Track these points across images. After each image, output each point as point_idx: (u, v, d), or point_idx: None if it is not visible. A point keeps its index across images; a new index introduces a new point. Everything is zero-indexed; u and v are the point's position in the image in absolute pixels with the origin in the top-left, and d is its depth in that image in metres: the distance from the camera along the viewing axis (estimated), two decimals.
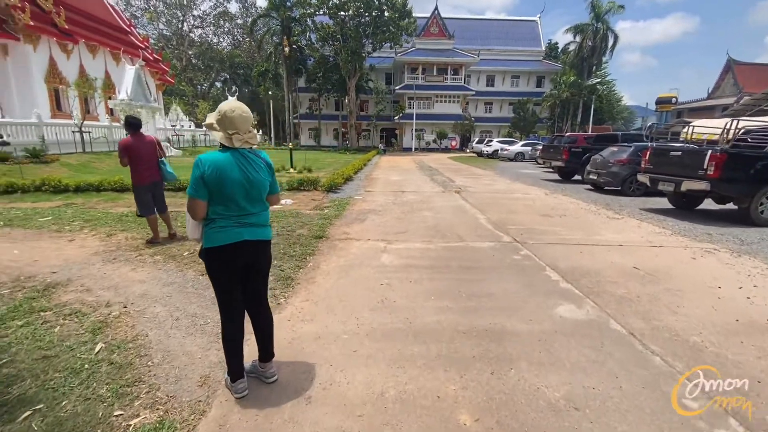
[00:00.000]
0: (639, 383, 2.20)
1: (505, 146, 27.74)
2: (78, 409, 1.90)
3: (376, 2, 35.85)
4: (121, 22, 27.50)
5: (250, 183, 1.92)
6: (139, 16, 49.12)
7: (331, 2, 35.88)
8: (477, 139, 37.17)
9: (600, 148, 11.93)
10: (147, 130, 20.40)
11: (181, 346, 2.53)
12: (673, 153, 7.54)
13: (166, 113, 32.02)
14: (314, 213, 6.99)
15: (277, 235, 5.34)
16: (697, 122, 8.61)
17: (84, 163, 13.67)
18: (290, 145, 16.49)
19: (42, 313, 2.91)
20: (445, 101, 45.16)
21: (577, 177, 13.72)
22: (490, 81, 49.51)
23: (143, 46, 28.37)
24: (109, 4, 27.76)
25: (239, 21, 55.83)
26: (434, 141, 43.78)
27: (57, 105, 19.86)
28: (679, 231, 6.14)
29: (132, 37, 27.40)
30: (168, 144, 22.06)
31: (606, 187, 10.95)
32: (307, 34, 40.49)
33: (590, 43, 40.17)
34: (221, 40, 57.38)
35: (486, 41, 50.47)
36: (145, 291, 3.42)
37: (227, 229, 1.91)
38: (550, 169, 15.54)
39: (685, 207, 8.31)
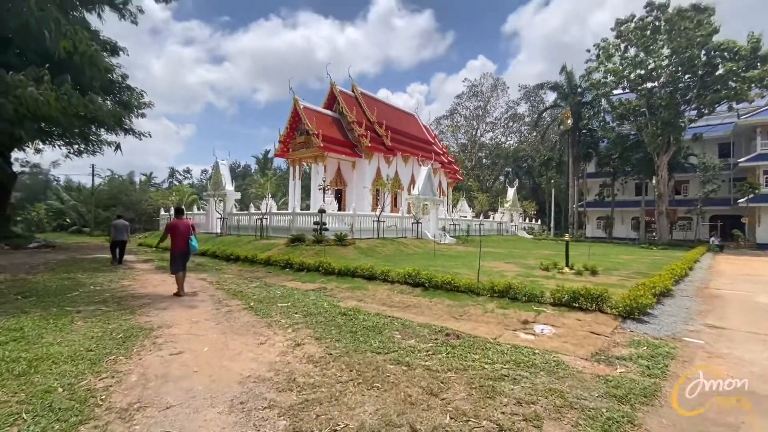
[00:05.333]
0: None
1: None
2: None
3: (704, 57, 27.56)
4: (428, 136, 34.28)
5: None
6: (444, 131, 60.87)
7: (633, 75, 30.52)
8: None
9: None
10: (428, 219, 22.93)
11: None
12: None
13: (455, 206, 35.57)
14: (592, 371, 3.49)
15: None
16: None
17: (371, 247, 15.70)
18: (566, 237, 12.83)
19: None
20: None
21: None
22: None
23: (441, 152, 33.79)
24: (423, 125, 35.56)
25: (527, 119, 58.47)
26: None
27: (376, 201, 25.80)
28: None
29: (434, 147, 33.18)
30: (443, 232, 23.42)
31: None
32: (601, 115, 36.33)
33: None
34: (508, 138, 61.67)
35: None
36: None
37: None
38: None
39: None
